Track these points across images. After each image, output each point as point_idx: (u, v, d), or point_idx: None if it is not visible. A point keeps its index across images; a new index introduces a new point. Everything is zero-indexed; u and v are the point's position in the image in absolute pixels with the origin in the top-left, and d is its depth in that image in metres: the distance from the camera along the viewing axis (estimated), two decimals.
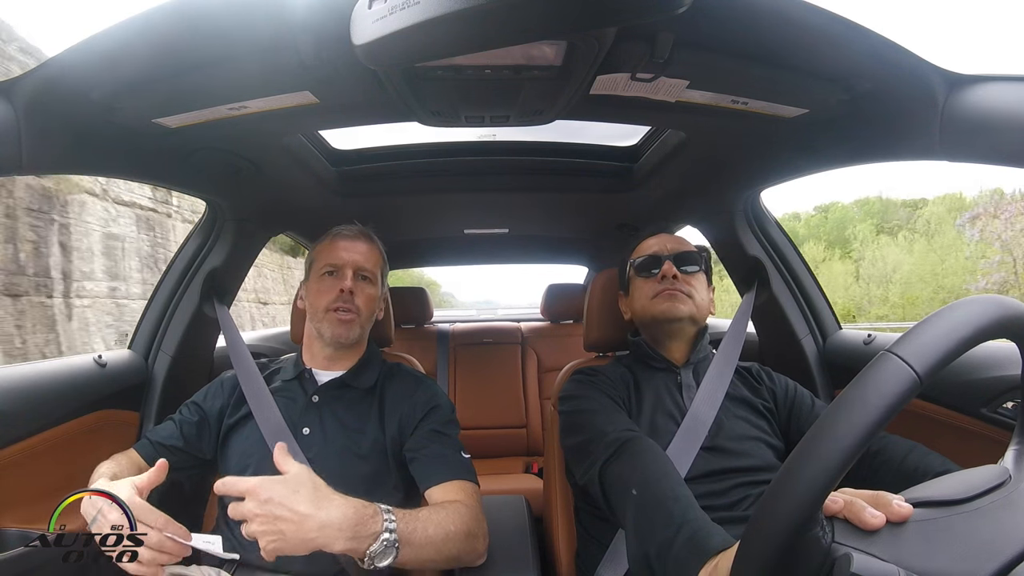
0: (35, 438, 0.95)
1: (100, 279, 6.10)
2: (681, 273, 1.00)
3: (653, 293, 1.01)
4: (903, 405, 0.35)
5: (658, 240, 1.06)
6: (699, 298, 1.00)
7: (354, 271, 1.00)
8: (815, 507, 0.35)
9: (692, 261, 1.02)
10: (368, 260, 1.02)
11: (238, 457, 0.95)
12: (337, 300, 0.97)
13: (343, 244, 1.02)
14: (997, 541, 0.37)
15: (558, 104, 0.83)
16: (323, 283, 1.00)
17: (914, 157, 0.81)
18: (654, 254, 1.04)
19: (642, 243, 1.08)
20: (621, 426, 0.84)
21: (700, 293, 1.00)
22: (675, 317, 0.99)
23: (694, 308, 0.99)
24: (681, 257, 1.02)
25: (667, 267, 1.00)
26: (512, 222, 1.91)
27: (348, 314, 0.98)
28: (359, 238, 1.04)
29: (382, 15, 0.50)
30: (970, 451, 0.90)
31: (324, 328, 0.98)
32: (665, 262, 1.01)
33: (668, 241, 1.05)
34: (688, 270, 1.01)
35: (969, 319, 0.38)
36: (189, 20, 0.63)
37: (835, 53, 0.69)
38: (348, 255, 1.00)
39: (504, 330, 2.52)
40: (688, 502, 0.67)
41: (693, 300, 0.99)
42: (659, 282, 1.01)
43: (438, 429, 0.95)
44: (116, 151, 0.90)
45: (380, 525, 0.68)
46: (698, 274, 1.02)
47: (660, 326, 1.01)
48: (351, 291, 0.98)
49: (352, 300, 0.98)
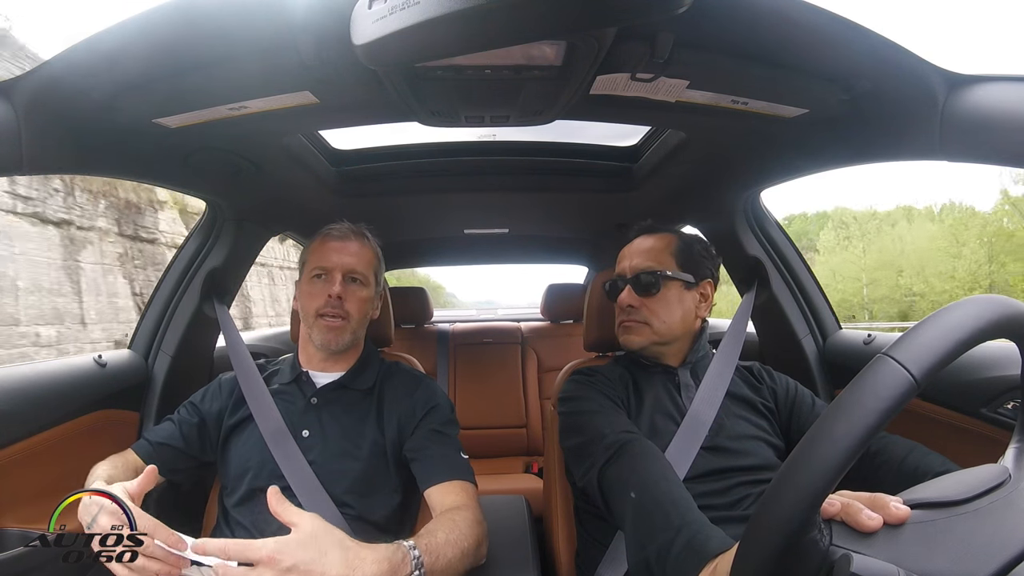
0: (35, 438, 0.95)
1: None
2: (640, 297, 0.98)
3: (616, 321, 1.03)
4: (900, 408, 0.35)
5: (625, 254, 1.04)
6: (659, 322, 0.97)
7: (344, 274, 0.97)
8: (812, 510, 0.35)
9: (650, 283, 0.98)
10: (360, 261, 1.00)
11: (238, 459, 0.95)
12: (326, 305, 0.95)
13: (333, 245, 0.99)
14: (996, 542, 0.37)
15: (558, 104, 0.83)
16: (313, 286, 0.98)
17: (914, 157, 0.81)
18: (616, 277, 1.04)
19: (621, 251, 1.07)
20: (620, 428, 0.84)
21: (662, 314, 0.97)
22: (632, 348, 1.00)
23: (652, 335, 0.97)
24: (639, 279, 0.98)
25: (623, 296, 1.00)
26: (512, 222, 1.91)
27: (337, 320, 0.96)
28: (349, 238, 1.01)
29: (382, 15, 0.50)
30: (970, 451, 0.90)
31: (314, 334, 0.97)
32: (623, 289, 1.00)
33: (635, 255, 1.02)
34: (648, 292, 0.98)
35: (967, 320, 0.38)
36: (189, 20, 0.63)
37: (835, 53, 0.69)
38: (338, 257, 0.98)
39: (504, 330, 2.53)
40: (687, 504, 0.67)
41: (651, 326, 0.97)
42: (621, 310, 1.01)
43: (438, 429, 0.95)
44: (116, 151, 0.90)
45: (410, 567, 0.66)
46: (658, 294, 0.97)
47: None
48: (339, 296, 0.96)
49: (341, 306, 0.96)
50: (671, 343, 1.00)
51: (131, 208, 6.69)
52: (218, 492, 0.99)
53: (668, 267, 0.99)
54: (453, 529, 0.75)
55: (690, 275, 1.00)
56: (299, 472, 0.90)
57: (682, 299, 0.99)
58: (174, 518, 1.11)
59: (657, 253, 1.01)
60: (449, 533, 0.74)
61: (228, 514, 0.93)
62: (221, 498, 0.96)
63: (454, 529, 0.75)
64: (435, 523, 0.76)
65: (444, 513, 0.81)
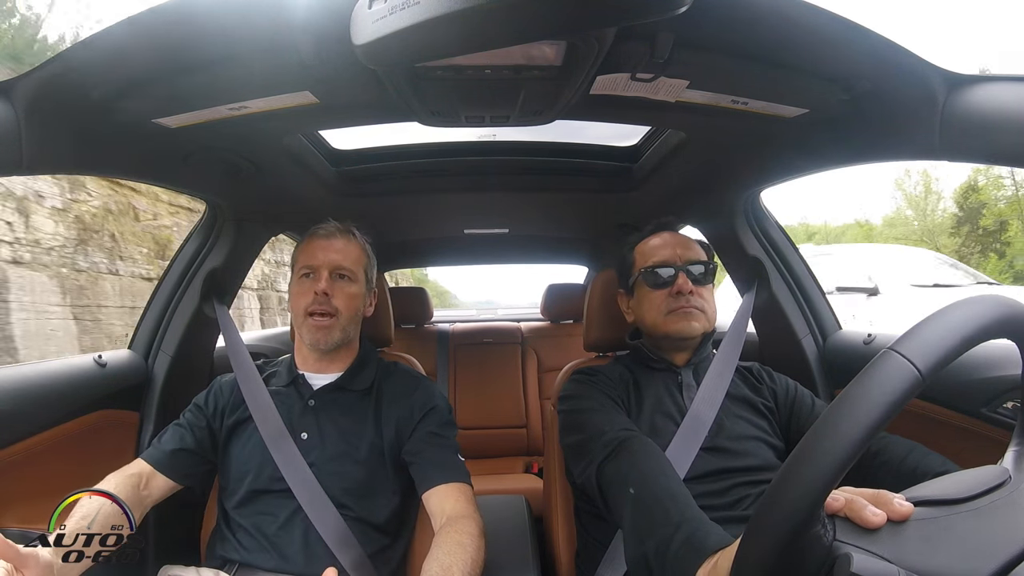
0: (35, 438, 0.95)
1: None
2: (695, 286, 0.96)
3: (667, 309, 0.96)
4: (906, 402, 0.35)
5: (666, 244, 1.01)
6: (711, 310, 0.97)
7: (331, 270, 0.97)
8: (817, 504, 0.35)
9: (704, 270, 0.98)
10: (346, 257, 0.99)
11: (238, 461, 0.94)
12: (313, 303, 0.95)
13: (318, 244, 0.99)
14: (997, 541, 0.37)
15: (558, 104, 0.83)
16: (301, 285, 0.98)
17: (914, 157, 0.81)
18: (665, 262, 0.99)
19: (647, 242, 1.04)
20: (619, 425, 0.84)
21: (711, 303, 0.98)
22: (691, 336, 0.97)
23: (707, 323, 0.97)
24: (693, 267, 0.97)
25: (682, 282, 0.95)
26: (512, 222, 1.91)
27: (325, 319, 0.95)
28: (334, 236, 1.01)
29: (382, 15, 0.50)
30: (970, 451, 0.90)
31: (304, 333, 0.97)
32: (679, 275, 0.96)
33: (678, 245, 1.00)
34: (701, 281, 0.97)
35: (970, 318, 0.38)
36: (189, 20, 0.63)
37: (835, 53, 0.69)
38: (324, 255, 0.98)
39: (504, 330, 2.52)
40: (686, 501, 0.67)
41: (706, 315, 0.96)
42: (673, 297, 0.96)
43: (436, 431, 0.95)
44: (116, 151, 0.90)
45: None
46: (709, 285, 0.99)
47: (672, 341, 0.98)
48: (326, 292, 0.95)
49: (329, 302, 0.95)
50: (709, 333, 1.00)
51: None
52: (218, 494, 0.99)
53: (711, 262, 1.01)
54: (463, 551, 0.75)
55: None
56: (299, 474, 0.90)
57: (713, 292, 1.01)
58: (174, 520, 1.12)
59: (697, 247, 1.02)
60: (464, 565, 0.74)
61: (228, 516, 0.93)
62: (221, 500, 0.96)
63: (464, 555, 0.75)
64: (446, 555, 0.75)
65: (451, 534, 0.80)
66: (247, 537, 0.89)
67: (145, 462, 0.92)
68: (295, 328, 1.01)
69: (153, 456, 0.93)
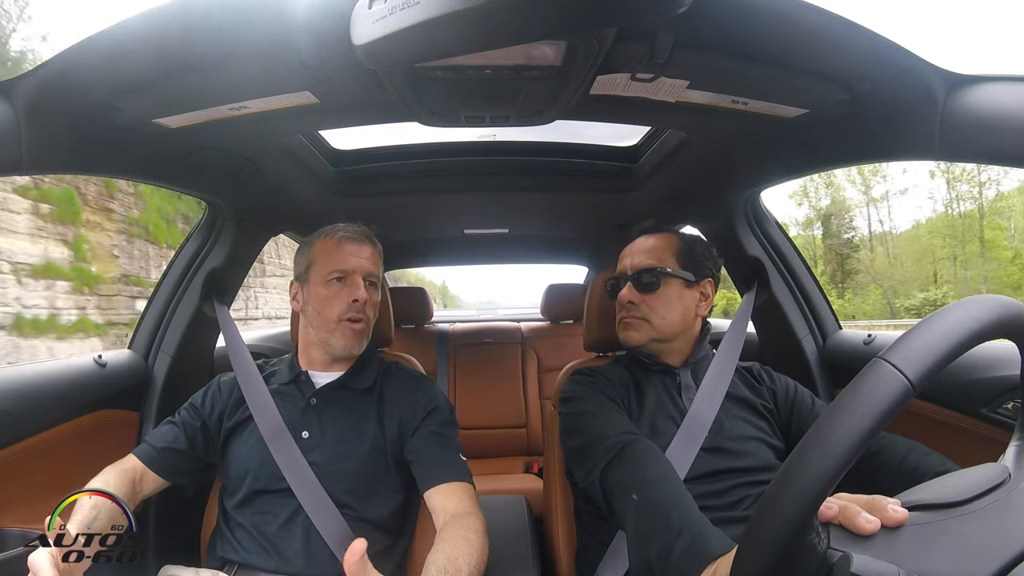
0: (35, 438, 0.95)
1: None
2: (640, 294, 0.99)
3: (617, 318, 1.04)
4: (896, 413, 0.35)
5: (627, 253, 1.05)
6: (659, 318, 0.98)
7: (364, 278, 0.97)
8: (809, 514, 0.35)
9: (650, 280, 0.98)
10: (375, 265, 1.00)
11: (238, 461, 0.94)
12: (349, 310, 0.95)
13: (350, 248, 0.98)
14: (995, 543, 0.37)
15: (558, 104, 0.83)
16: (331, 289, 0.96)
17: (914, 157, 0.81)
18: (617, 275, 1.04)
19: (624, 249, 1.07)
20: (621, 429, 0.84)
21: (658, 311, 0.98)
22: (631, 345, 1.01)
23: (652, 331, 0.98)
24: (640, 277, 0.99)
25: (624, 292, 1.01)
26: (512, 222, 1.91)
27: (360, 324, 0.96)
28: (364, 242, 1.01)
29: (382, 15, 0.50)
30: (970, 451, 0.90)
31: (335, 339, 0.96)
32: (624, 285, 1.01)
33: (636, 254, 1.03)
34: (649, 288, 0.98)
35: (965, 321, 0.38)
36: (189, 20, 0.63)
37: (835, 53, 0.69)
38: (357, 261, 0.97)
39: (504, 330, 2.52)
40: (688, 506, 0.66)
41: (650, 323, 0.98)
42: (622, 307, 1.01)
43: (438, 431, 0.95)
44: (116, 151, 0.90)
45: None
46: (658, 291, 0.98)
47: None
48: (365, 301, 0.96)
49: (364, 309, 0.96)
50: (671, 340, 1.00)
51: None
52: (218, 493, 0.99)
53: (668, 265, 0.99)
54: (471, 553, 0.76)
55: (690, 273, 1.00)
56: (299, 473, 0.90)
57: (682, 297, 0.99)
58: (174, 520, 1.12)
59: (658, 252, 1.01)
60: (470, 559, 0.74)
61: (228, 515, 0.93)
62: (221, 499, 0.96)
63: (471, 551, 0.76)
64: (452, 547, 0.76)
65: (456, 529, 0.80)
66: (247, 537, 0.89)
67: (137, 459, 0.92)
68: (319, 332, 0.98)
69: (145, 453, 0.93)
